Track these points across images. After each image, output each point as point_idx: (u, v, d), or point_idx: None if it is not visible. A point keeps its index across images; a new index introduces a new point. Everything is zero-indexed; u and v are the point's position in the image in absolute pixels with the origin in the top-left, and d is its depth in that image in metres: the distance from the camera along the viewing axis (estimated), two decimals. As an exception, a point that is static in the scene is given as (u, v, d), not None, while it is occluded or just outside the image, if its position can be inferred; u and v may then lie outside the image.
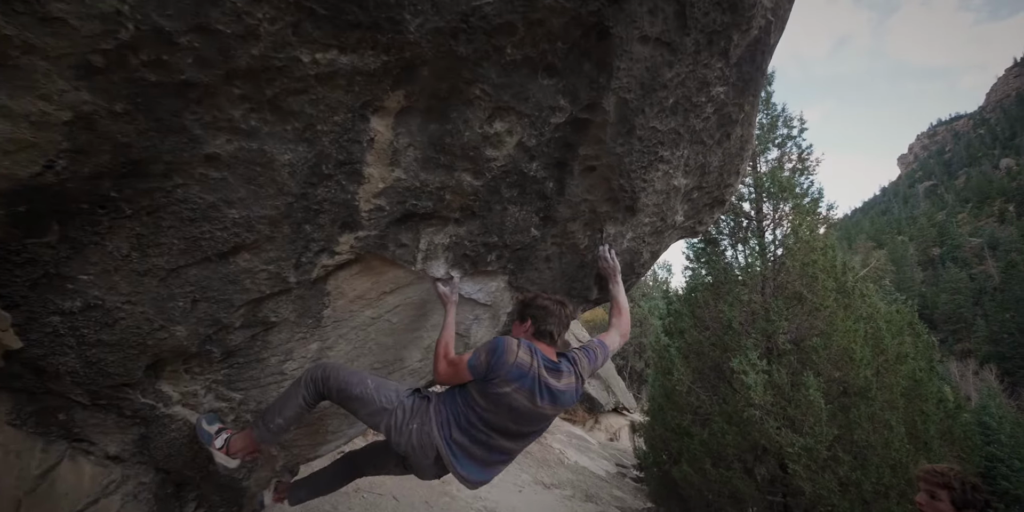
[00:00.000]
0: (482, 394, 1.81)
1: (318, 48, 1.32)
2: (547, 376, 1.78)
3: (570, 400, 1.87)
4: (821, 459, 4.45)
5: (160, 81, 1.19)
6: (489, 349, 1.80)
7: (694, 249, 6.41)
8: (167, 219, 1.46)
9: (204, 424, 1.97)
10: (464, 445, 1.84)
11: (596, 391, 12.95)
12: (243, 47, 1.22)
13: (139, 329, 1.63)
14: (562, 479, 7.61)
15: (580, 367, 1.91)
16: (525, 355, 1.78)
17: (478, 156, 1.74)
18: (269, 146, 1.44)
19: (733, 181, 2.47)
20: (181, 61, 1.19)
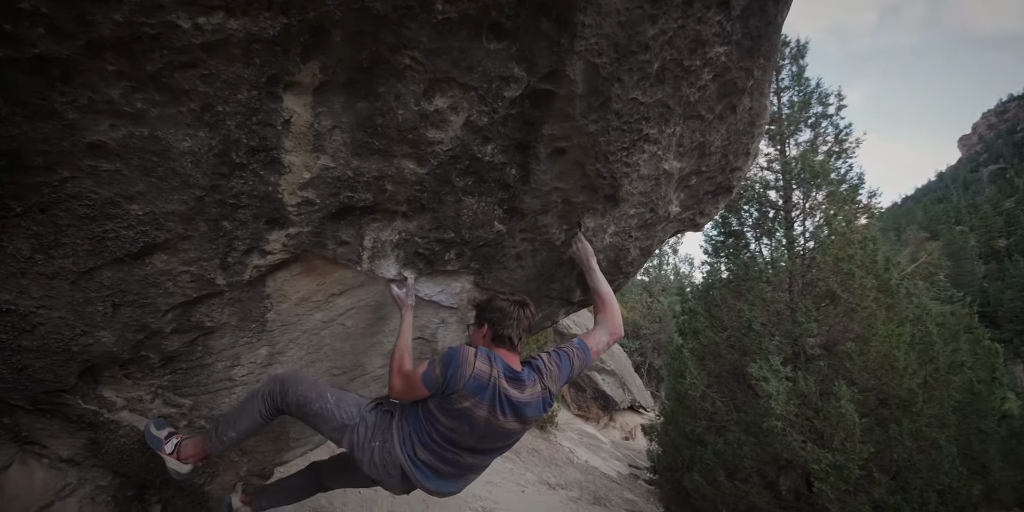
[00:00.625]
0: (441, 410, 1.66)
1: (198, 11, 1.12)
2: (508, 387, 1.62)
3: (535, 412, 1.70)
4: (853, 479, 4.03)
5: (9, 56, 1.02)
6: (444, 362, 1.63)
7: (712, 242, 5.94)
8: (63, 217, 1.31)
9: (152, 429, 1.87)
10: (429, 462, 1.72)
11: (611, 388, 12.64)
12: (102, 11, 1.04)
13: (60, 335, 1.51)
14: (569, 479, 7.40)
15: (546, 376, 1.72)
16: (483, 365, 1.61)
17: (419, 139, 1.52)
18: (163, 132, 1.26)
19: (741, 164, 2.14)
20: (31, 32, 1.01)
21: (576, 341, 1.90)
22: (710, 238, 5.95)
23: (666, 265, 20.05)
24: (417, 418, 1.73)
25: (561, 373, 1.77)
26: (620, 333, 1.98)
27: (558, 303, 2.33)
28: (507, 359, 1.69)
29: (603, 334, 1.93)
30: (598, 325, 1.96)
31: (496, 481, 6.51)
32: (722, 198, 2.24)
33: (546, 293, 2.25)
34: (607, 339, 1.94)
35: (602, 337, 1.93)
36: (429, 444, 1.69)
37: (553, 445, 9.42)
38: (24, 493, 1.78)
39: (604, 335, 1.93)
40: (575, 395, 14.13)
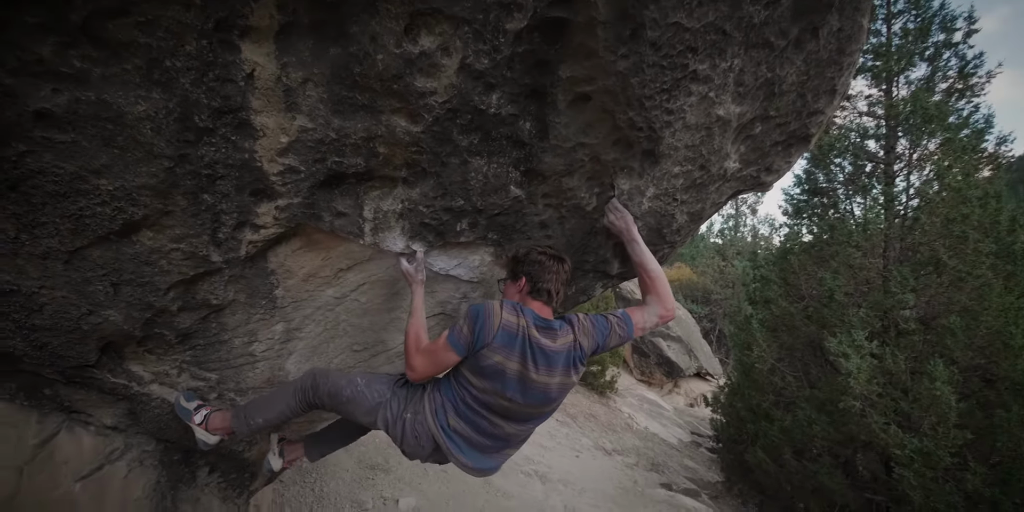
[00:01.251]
0: (473, 371, 1.57)
1: (111, -59, 0.92)
2: (539, 336, 1.52)
3: (567, 362, 1.56)
4: (942, 466, 3.51)
5: (-88, 11, 0.90)
6: (470, 318, 1.55)
7: (794, 202, 5.19)
8: (35, 195, 1.23)
9: (182, 401, 1.92)
10: (462, 432, 1.63)
11: (676, 355, 12.21)
12: (-4, -52, 0.87)
13: (68, 314, 1.51)
14: (627, 445, 7.30)
15: (579, 329, 1.59)
16: (511, 315, 1.53)
17: (407, 90, 1.26)
18: (111, 95, 1.11)
19: (824, 105, 1.68)
20: (-77, -22, 0.87)
21: (621, 312, 1.69)
22: (791, 197, 5.21)
23: (743, 226, 18.58)
24: (449, 385, 1.66)
25: (596, 332, 1.61)
26: (671, 314, 1.73)
27: (593, 276, 2.05)
28: (538, 310, 1.60)
29: (652, 314, 1.71)
30: (647, 304, 1.73)
31: (550, 445, 6.56)
32: (796, 150, 1.80)
33: (578, 265, 1.98)
34: (655, 320, 1.72)
35: (650, 317, 1.71)
36: (463, 411, 1.61)
37: (612, 411, 9.35)
38: (74, 458, 1.89)
39: (653, 316, 1.71)
40: (638, 361, 13.92)
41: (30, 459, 1.79)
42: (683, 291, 16.26)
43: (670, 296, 1.72)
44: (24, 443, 1.79)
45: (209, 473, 2.40)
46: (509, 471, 5.24)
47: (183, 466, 2.29)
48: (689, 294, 16.53)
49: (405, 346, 1.67)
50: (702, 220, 1.84)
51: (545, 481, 5.32)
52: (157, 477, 2.16)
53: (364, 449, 4.77)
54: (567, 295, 1.91)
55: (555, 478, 5.45)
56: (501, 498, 4.60)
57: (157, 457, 2.18)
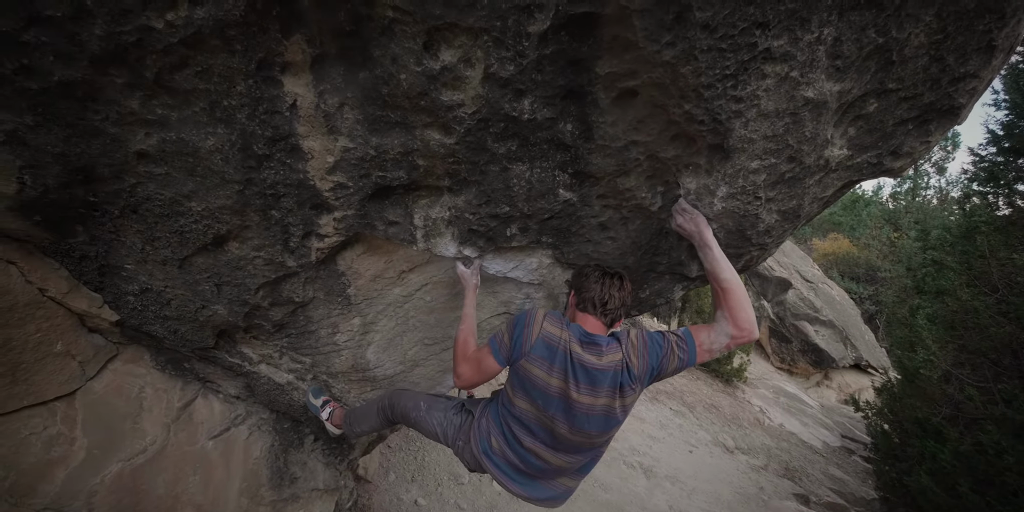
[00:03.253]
0: (514, 388, 1.62)
1: (163, 6, 1.12)
2: (581, 352, 1.51)
3: (613, 383, 1.50)
4: None
5: (42, 87, 1.21)
6: (511, 324, 1.62)
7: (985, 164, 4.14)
8: (148, 216, 1.60)
9: (311, 398, 2.43)
10: (504, 455, 1.68)
11: (826, 342, 10.94)
12: (84, 29, 1.12)
13: (187, 307, 1.94)
14: (754, 444, 6.89)
15: (629, 346, 1.54)
16: (553, 327, 1.55)
17: (434, 105, 1.34)
18: (187, 134, 1.37)
19: (977, 67, 1.34)
20: (43, 61, 1.16)
21: (682, 330, 1.59)
22: (980, 158, 4.18)
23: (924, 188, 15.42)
24: (496, 408, 1.73)
25: (649, 352, 1.54)
26: (747, 336, 1.54)
27: (670, 278, 1.98)
28: (585, 324, 1.60)
29: (721, 334, 1.54)
30: (716, 322, 1.57)
31: (660, 436, 6.50)
32: (938, 127, 1.48)
33: (650, 267, 1.92)
34: (724, 341, 1.55)
35: (719, 337, 1.55)
36: (505, 432, 1.66)
37: (738, 402, 8.87)
38: (207, 420, 2.46)
39: (722, 336, 1.54)
40: (777, 346, 12.87)
41: (176, 418, 2.37)
42: (839, 266, 14.28)
43: (746, 313, 1.53)
44: (171, 405, 2.38)
45: (315, 441, 2.92)
46: (611, 461, 5.37)
47: (293, 433, 2.82)
48: (847, 270, 14.48)
49: (454, 351, 1.77)
50: (800, 218, 1.65)
51: (650, 476, 5.36)
52: (272, 441, 2.71)
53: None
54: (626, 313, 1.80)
55: (662, 473, 5.45)
56: (598, 489, 4.78)
57: (271, 424, 2.72)
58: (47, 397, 2.04)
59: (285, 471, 2.74)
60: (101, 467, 2.19)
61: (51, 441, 2.08)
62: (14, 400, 1.95)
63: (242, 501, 2.64)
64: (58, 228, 1.61)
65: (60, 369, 2.04)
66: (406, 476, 4.12)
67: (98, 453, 2.18)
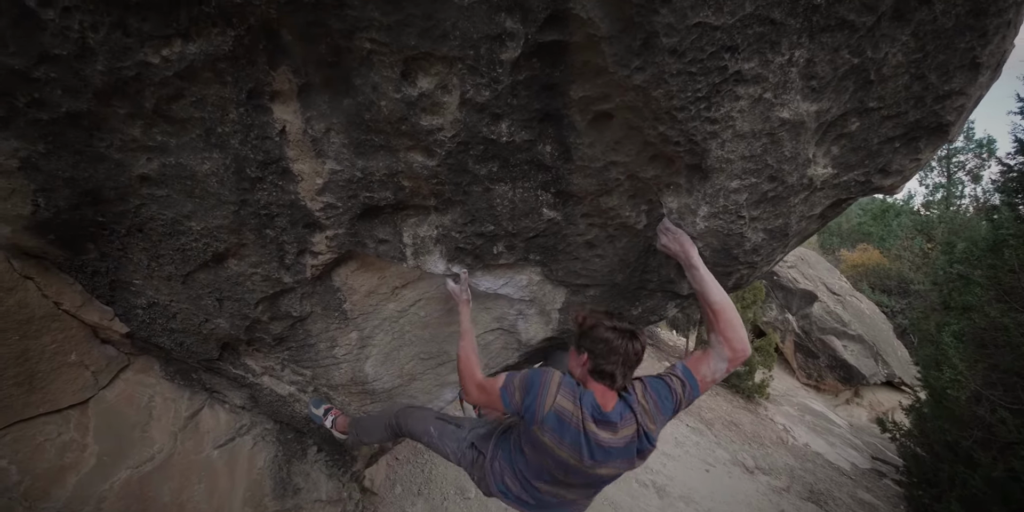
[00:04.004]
0: (525, 439, 1.62)
1: (159, 44, 1.21)
2: (597, 430, 1.46)
3: (627, 455, 1.50)
4: None
5: (51, 118, 1.31)
6: (523, 386, 1.55)
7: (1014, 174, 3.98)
8: (152, 235, 1.69)
9: (312, 409, 2.49)
10: (521, 496, 1.70)
11: (856, 358, 10.57)
12: (88, 66, 1.22)
13: (192, 320, 2.03)
14: (776, 464, 6.67)
15: (642, 414, 1.49)
16: (567, 402, 1.47)
17: (414, 129, 1.39)
18: (185, 158, 1.46)
19: (963, 84, 1.32)
20: (52, 95, 1.26)
21: (679, 368, 1.58)
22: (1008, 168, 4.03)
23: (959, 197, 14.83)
24: (508, 451, 1.73)
25: (661, 409, 1.51)
26: (743, 355, 1.55)
27: (661, 296, 1.98)
28: (599, 396, 1.50)
29: (718, 359, 1.55)
30: (711, 347, 1.57)
31: (675, 454, 6.36)
32: (928, 144, 1.45)
33: (641, 284, 1.93)
34: (724, 367, 1.55)
35: (717, 364, 1.55)
36: (520, 475, 1.67)
37: (760, 419, 8.62)
38: (213, 429, 2.54)
39: (720, 361, 1.55)
40: (803, 361, 12.51)
41: (183, 427, 2.46)
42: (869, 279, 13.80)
43: (738, 334, 1.53)
44: (179, 414, 2.46)
45: (318, 451, 2.98)
46: (622, 479, 5.27)
47: (296, 444, 2.88)
48: (878, 283, 13.98)
49: (458, 368, 1.80)
50: (789, 236, 1.63)
51: (663, 495, 5.25)
52: (275, 451, 2.77)
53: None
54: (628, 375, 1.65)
55: (676, 493, 5.33)
56: (608, 507, 4.70)
57: (275, 434, 2.79)
58: (61, 405, 2.14)
59: (288, 481, 2.80)
60: (110, 473, 2.28)
61: (64, 447, 2.18)
62: (31, 407, 2.06)
63: (246, 511, 2.71)
64: (71, 246, 1.71)
65: (74, 378, 2.14)
66: (412, 489, 4.14)
67: (108, 460, 2.28)
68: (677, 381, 1.54)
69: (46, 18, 1.13)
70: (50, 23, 1.14)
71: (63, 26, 1.14)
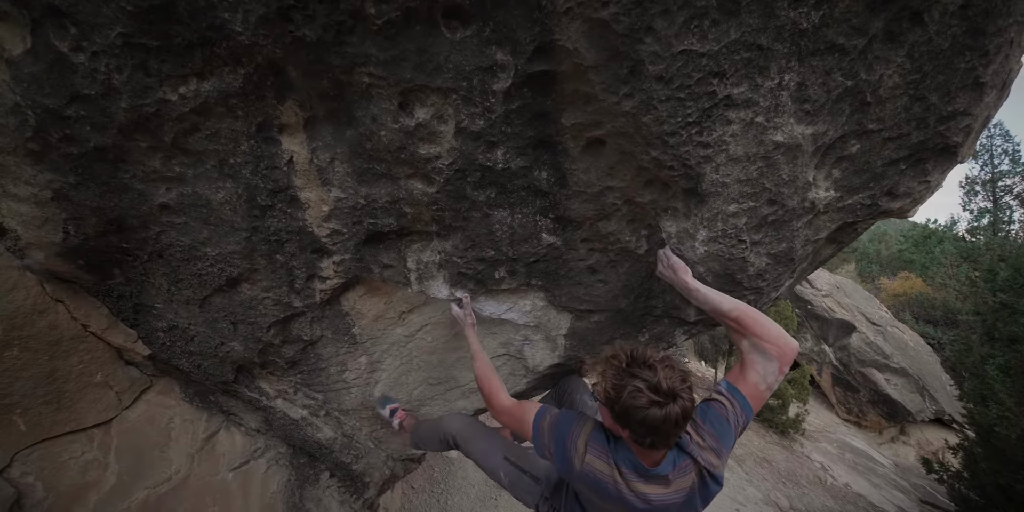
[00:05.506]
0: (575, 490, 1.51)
1: (176, 82, 1.29)
2: (642, 489, 1.25)
3: (690, 504, 1.27)
4: None
5: (80, 152, 1.40)
6: (553, 435, 1.39)
7: None
8: (171, 260, 1.76)
9: (379, 409, 2.42)
10: None
11: (900, 393, 9.90)
12: (113, 103, 1.30)
13: (208, 343, 2.07)
14: (814, 505, 6.20)
15: (704, 455, 1.25)
16: (598, 461, 1.29)
17: (413, 157, 1.42)
18: (201, 188, 1.53)
19: (967, 105, 1.26)
20: (81, 130, 1.35)
21: (724, 386, 1.36)
22: None
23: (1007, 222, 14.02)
24: (573, 500, 1.59)
25: (722, 443, 1.28)
26: (790, 348, 1.35)
27: (668, 323, 1.91)
28: (643, 458, 1.26)
29: (764, 361, 1.34)
30: (749, 353, 1.37)
31: (703, 489, 6.02)
32: (936, 165, 1.39)
33: (646, 311, 1.87)
34: (775, 366, 1.33)
35: (766, 366, 1.33)
36: None
37: (796, 457, 8.08)
38: (229, 451, 2.55)
39: (767, 362, 1.33)
40: (842, 395, 11.81)
41: (200, 449, 2.47)
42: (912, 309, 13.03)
43: (772, 328, 1.35)
44: (196, 436, 2.49)
45: (330, 477, 2.94)
46: (645, 514, 5.00)
47: (309, 468, 2.86)
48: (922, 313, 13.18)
49: (479, 388, 1.72)
50: (795, 261, 1.57)
51: (689, 533, 4.93)
52: (288, 476, 2.75)
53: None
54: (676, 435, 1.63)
55: (702, 531, 5.00)
56: (629, 544, 4.44)
57: (288, 458, 2.77)
58: (86, 424, 2.20)
59: (300, 507, 2.76)
60: (129, 493, 2.30)
61: (87, 466, 2.22)
62: (58, 426, 2.12)
63: (257, 535, 2.67)
64: (99, 271, 1.79)
65: (99, 398, 2.20)
66: (428, 519, 4.02)
67: (127, 479, 2.30)
68: (726, 401, 1.32)
69: (77, 62, 1.22)
70: (80, 66, 1.24)
71: (92, 69, 1.24)
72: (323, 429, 2.59)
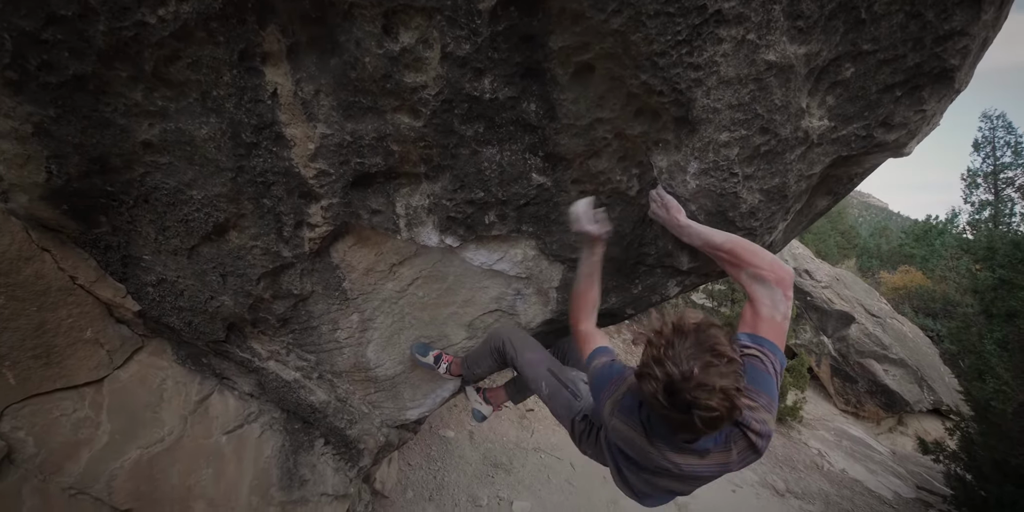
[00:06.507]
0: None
1: (155, 3, 1.25)
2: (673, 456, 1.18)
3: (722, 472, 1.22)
4: None
5: (60, 81, 1.36)
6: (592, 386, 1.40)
7: None
8: (157, 206, 1.72)
9: (419, 357, 2.32)
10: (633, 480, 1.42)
11: (898, 383, 9.84)
12: (91, 26, 1.26)
13: (198, 298, 2.04)
14: (810, 489, 6.15)
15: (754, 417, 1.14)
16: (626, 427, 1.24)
17: (398, 87, 1.38)
18: (184, 123, 1.49)
19: (964, 23, 1.21)
20: (60, 57, 1.32)
21: (748, 340, 1.24)
22: None
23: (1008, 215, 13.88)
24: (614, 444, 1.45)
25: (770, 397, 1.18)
26: (786, 272, 1.28)
27: (662, 273, 1.87)
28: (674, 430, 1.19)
29: (768, 292, 1.26)
30: (749, 286, 1.31)
31: (701, 472, 5.98)
32: (933, 93, 1.34)
33: (639, 259, 1.83)
34: (780, 293, 1.26)
35: (773, 296, 1.26)
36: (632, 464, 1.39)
37: (793, 443, 8.04)
38: (222, 415, 2.51)
39: (771, 291, 1.26)
40: (840, 386, 11.75)
41: (193, 411, 2.44)
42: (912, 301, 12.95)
43: (765, 256, 1.31)
44: (189, 398, 2.45)
45: (324, 444, 2.90)
46: (642, 494, 4.97)
47: (303, 434, 2.82)
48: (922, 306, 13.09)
49: (572, 304, 1.63)
50: (788, 198, 1.52)
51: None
52: (283, 441, 2.72)
53: (491, 446, 5.10)
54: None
55: (697, 511, 4.96)
56: (625, 520, 4.41)
57: (282, 423, 2.74)
58: (77, 382, 2.16)
59: (295, 473, 2.72)
60: (122, 452, 2.27)
61: (79, 424, 2.19)
62: (48, 381, 2.09)
63: (252, 499, 2.64)
64: (84, 218, 1.76)
65: (89, 356, 2.16)
66: (424, 494, 3.99)
67: (120, 438, 2.27)
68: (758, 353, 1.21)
69: (52, -21, 1.19)
70: (56, -15, 1.20)
71: (67, -13, 1.20)
72: (316, 392, 2.55)
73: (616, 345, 8.30)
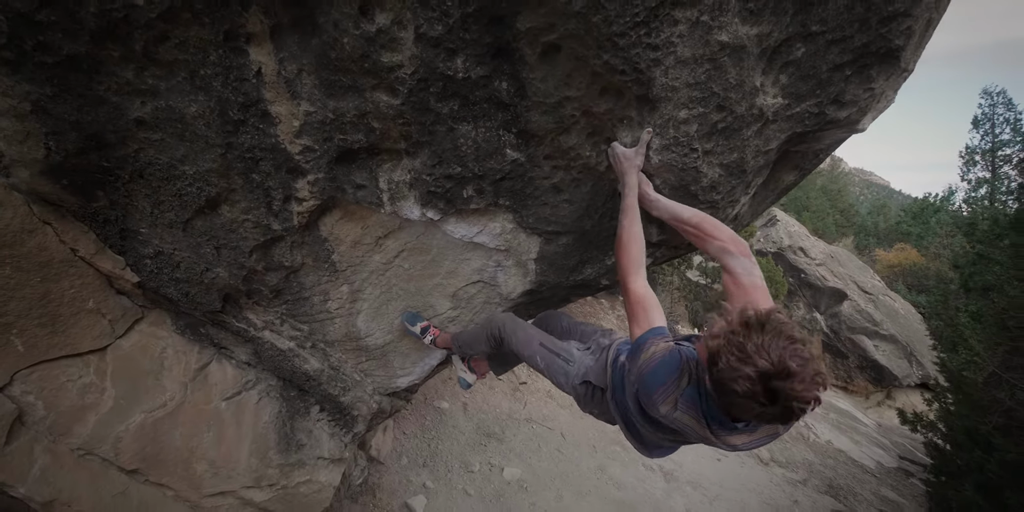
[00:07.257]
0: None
1: (142, -14, 1.33)
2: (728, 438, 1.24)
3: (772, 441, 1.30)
4: None
5: (55, 61, 1.45)
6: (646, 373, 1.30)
7: None
8: (151, 180, 1.82)
9: (408, 326, 2.47)
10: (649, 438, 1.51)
11: (888, 358, 10.11)
12: (82, 7, 1.35)
13: (194, 269, 2.16)
14: (794, 458, 6.44)
15: None
16: (689, 418, 1.23)
17: (376, 67, 1.47)
18: (174, 101, 1.58)
19: (907, 5, 1.30)
20: (54, 37, 1.40)
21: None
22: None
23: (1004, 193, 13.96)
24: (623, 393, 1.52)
25: None
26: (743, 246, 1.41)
27: (634, 245, 1.99)
28: None
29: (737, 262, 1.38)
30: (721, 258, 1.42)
31: (688, 443, 6.25)
32: (881, 71, 1.43)
33: (612, 232, 1.95)
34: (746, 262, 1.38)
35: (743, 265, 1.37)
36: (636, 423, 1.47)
37: (782, 416, 8.35)
38: (221, 382, 2.67)
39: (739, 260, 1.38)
40: (831, 361, 12.07)
41: (193, 378, 2.60)
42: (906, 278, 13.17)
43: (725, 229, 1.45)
44: (189, 366, 2.61)
45: (320, 410, 3.08)
46: (629, 461, 5.22)
47: (299, 401, 2.99)
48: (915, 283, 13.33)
49: (616, 255, 1.57)
50: (747, 173, 1.63)
51: (670, 479, 5.16)
52: (280, 407, 2.89)
53: (484, 417, 5.33)
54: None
55: (683, 478, 5.23)
56: (611, 487, 4.66)
57: (279, 391, 2.90)
58: (81, 349, 2.31)
59: (292, 437, 2.91)
60: (126, 416, 2.44)
61: (85, 389, 2.35)
62: (54, 349, 2.23)
63: (252, 461, 2.83)
64: (83, 192, 1.86)
65: (92, 325, 2.31)
66: (418, 461, 4.21)
67: (124, 403, 2.43)
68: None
69: (44, -37, 1.26)
70: (48, -32, 1.28)
71: (58, -30, 1.28)
72: (310, 360, 2.71)
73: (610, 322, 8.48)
